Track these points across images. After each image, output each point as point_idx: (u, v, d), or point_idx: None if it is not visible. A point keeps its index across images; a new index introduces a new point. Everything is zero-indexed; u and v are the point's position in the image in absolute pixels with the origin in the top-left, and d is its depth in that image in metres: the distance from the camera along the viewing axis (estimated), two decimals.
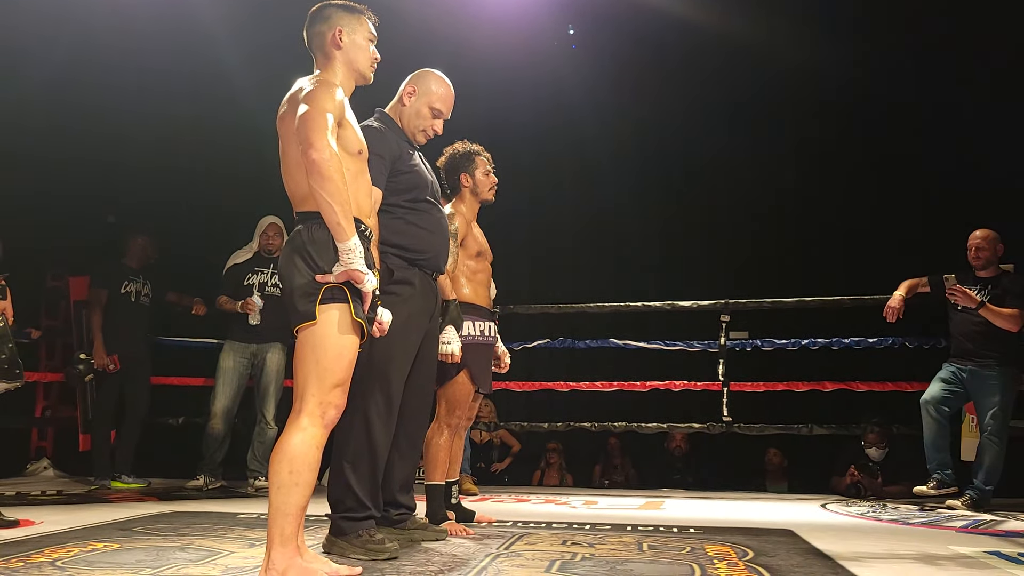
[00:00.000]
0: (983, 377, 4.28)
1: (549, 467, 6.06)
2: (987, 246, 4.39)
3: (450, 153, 3.37)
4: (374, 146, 2.58)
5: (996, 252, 4.40)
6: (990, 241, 4.40)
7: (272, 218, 4.96)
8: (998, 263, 4.42)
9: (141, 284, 5.08)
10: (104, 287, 4.99)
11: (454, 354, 3.03)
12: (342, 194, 2.13)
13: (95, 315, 4.94)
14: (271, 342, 4.86)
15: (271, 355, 4.86)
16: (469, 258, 3.30)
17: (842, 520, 3.88)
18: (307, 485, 2.11)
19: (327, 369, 2.15)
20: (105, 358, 4.88)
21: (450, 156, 3.36)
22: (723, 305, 5.22)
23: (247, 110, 5.24)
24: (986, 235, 4.41)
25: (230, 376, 4.85)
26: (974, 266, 4.44)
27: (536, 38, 6.08)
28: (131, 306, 5.02)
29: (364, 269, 2.16)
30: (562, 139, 6.48)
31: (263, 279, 4.90)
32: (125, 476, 4.93)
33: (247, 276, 4.89)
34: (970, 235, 4.45)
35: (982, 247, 4.39)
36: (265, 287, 4.88)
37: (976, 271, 4.43)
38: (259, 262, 4.93)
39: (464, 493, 4.60)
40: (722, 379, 5.13)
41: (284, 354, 4.87)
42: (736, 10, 5.52)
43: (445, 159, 3.37)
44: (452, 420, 3.25)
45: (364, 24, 2.44)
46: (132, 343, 4.98)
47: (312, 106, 2.18)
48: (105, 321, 4.94)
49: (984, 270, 4.41)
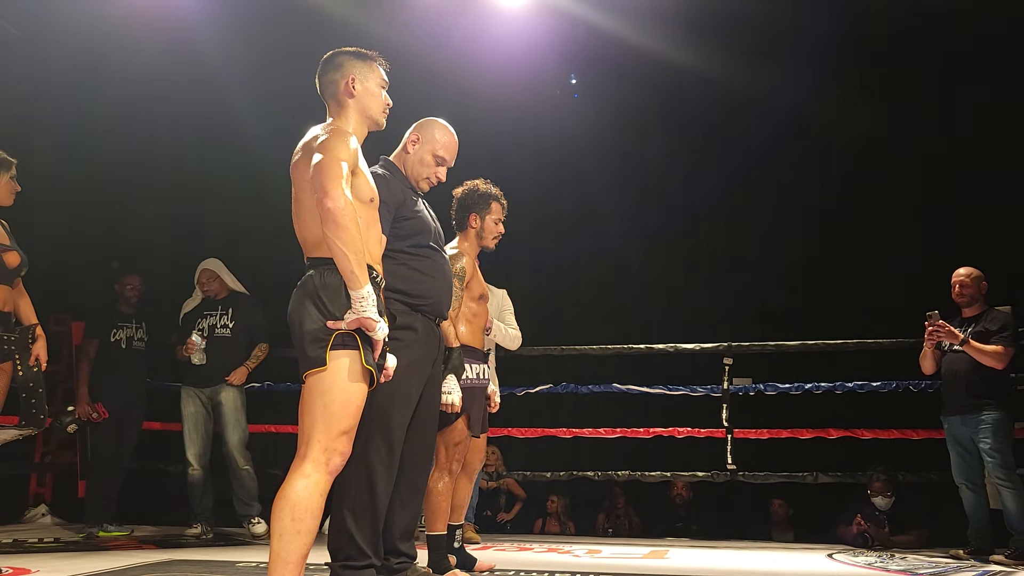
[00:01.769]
0: (975, 424, 4.19)
1: (550, 515, 5.98)
2: (971, 283, 4.34)
3: (470, 188, 3.36)
4: (379, 193, 2.61)
5: (980, 289, 4.35)
6: (974, 279, 4.35)
7: (206, 263, 4.98)
8: (983, 301, 4.36)
9: (134, 329, 5.04)
10: (94, 336, 4.97)
11: (454, 404, 3.00)
12: (356, 242, 2.14)
13: (82, 366, 4.93)
14: (221, 384, 4.84)
15: (225, 395, 4.83)
16: (472, 300, 3.28)
17: (849, 571, 3.83)
18: (309, 533, 2.08)
19: (334, 415, 2.14)
20: (88, 407, 4.82)
21: (469, 191, 3.36)
22: (726, 348, 5.21)
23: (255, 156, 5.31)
24: (969, 272, 4.37)
25: (194, 421, 4.84)
26: (958, 304, 4.39)
27: (539, 87, 6.17)
28: (121, 353, 4.97)
29: (376, 317, 2.16)
30: (565, 184, 6.54)
31: (212, 321, 4.91)
32: (108, 524, 4.84)
33: (198, 321, 4.91)
34: (954, 272, 4.41)
35: (965, 284, 4.34)
36: (215, 329, 4.88)
37: (961, 310, 4.39)
38: (208, 306, 4.95)
39: (466, 542, 4.53)
40: (726, 425, 5.10)
41: (239, 392, 4.86)
42: (737, 59, 5.61)
43: (463, 192, 3.36)
44: (453, 466, 3.23)
45: (376, 71, 2.46)
46: (122, 389, 4.92)
47: (327, 155, 2.20)
48: (95, 370, 4.91)
49: (968, 307, 4.36)
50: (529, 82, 5.98)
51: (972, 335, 4.24)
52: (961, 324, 4.34)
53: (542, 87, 6.21)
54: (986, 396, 4.18)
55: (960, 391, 4.25)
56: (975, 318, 4.33)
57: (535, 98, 6.18)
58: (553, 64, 6.04)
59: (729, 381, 5.17)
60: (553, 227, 6.63)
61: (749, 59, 5.63)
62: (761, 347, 5.25)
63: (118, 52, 5.46)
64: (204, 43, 5.37)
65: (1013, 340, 4.21)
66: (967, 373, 4.23)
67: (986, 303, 4.37)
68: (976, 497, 4.25)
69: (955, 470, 4.32)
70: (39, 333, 3.54)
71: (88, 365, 4.92)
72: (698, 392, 5.31)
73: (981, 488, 4.27)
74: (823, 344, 5.19)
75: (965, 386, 4.23)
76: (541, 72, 6.00)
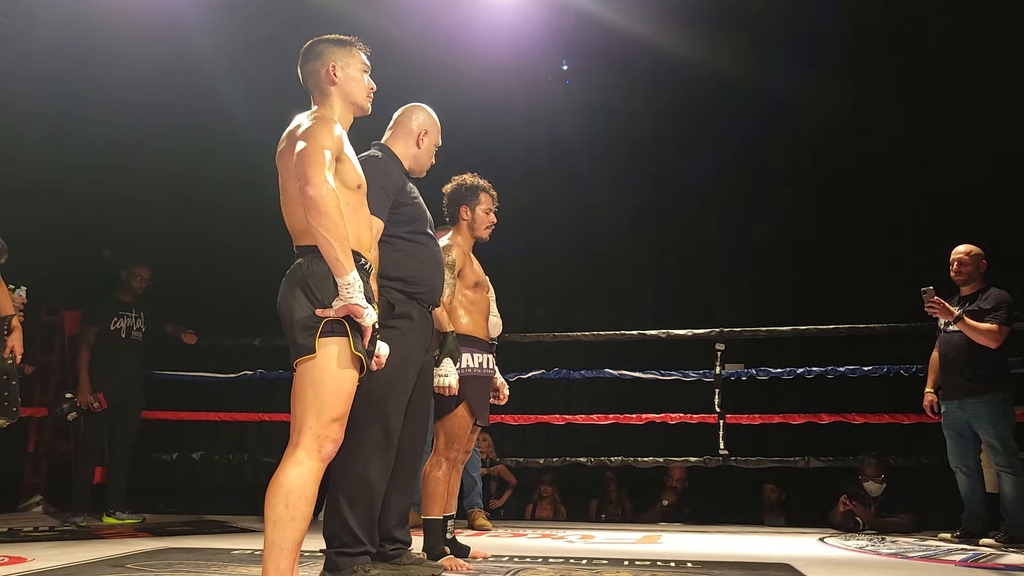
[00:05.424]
0: (972, 408, 4.12)
1: (542, 499, 6.01)
2: (969, 260, 4.23)
3: (458, 182, 3.41)
4: (378, 177, 2.62)
5: (979, 268, 4.24)
6: (973, 256, 4.24)
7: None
8: (982, 279, 4.25)
9: (133, 319, 5.03)
10: (93, 324, 4.95)
11: (451, 387, 3.03)
12: (339, 229, 2.15)
13: (82, 353, 4.91)
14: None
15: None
16: (467, 288, 3.31)
17: (840, 554, 3.86)
18: (303, 519, 2.09)
19: (325, 403, 2.15)
20: (89, 396, 4.82)
21: (457, 185, 3.40)
22: (718, 334, 5.23)
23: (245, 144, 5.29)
24: (968, 250, 4.25)
25: None
26: (956, 281, 4.29)
27: (530, 73, 6.16)
28: (121, 342, 4.96)
29: (363, 303, 2.17)
30: (556, 170, 6.55)
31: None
32: (119, 512, 4.87)
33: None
34: (952, 250, 4.31)
35: (964, 262, 4.24)
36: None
37: (960, 289, 4.29)
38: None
39: (478, 528, 4.57)
40: (718, 411, 5.12)
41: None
42: (728, 46, 5.60)
43: (452, 187, 3.40)
44: (451, 453, 3.24)
45: (357, 56, 2.46)
46: (121, 380, 4.92)
47: (310, 143, 2.21)
48: (94, 358, 4.90)
49: (966, 286, 4.26)
50: (520, 69, 5.96)
51: (966, 313, 4.13)
52: (959, 303, 4.23)
53: (533, 73, 6.19)
54: (982, 379, 4.08)
55: (955, 373, 4.17)
56: (971, 296, 4.23)
57: (526, 84, 6.16)
58: (544, 51, 6.02)
59: (721, 366, 5.19)
60: (545, 213, 6.64)
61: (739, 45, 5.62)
62: (753, 332, 5.27)
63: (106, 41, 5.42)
64: (193, 32, 5.34)
65: (1008, 319, 4.10)
66: (962, 352, 4.13)
67: (984, 281, 4.24)
68: (971, 482, 4.20)
69: (951, 454, 4.27)
70: (15, 324, 3.51)
71: (88, 352, 4.91)
72: (690, 377, 5.34)
73: (977, 473, 4.22)
74: (815, 329, 5.21)
75: (960, 367, 4.15)
76: (532, 59, 5.99)
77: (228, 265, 5.34)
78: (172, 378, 5.67)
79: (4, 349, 3.46)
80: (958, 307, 4.19)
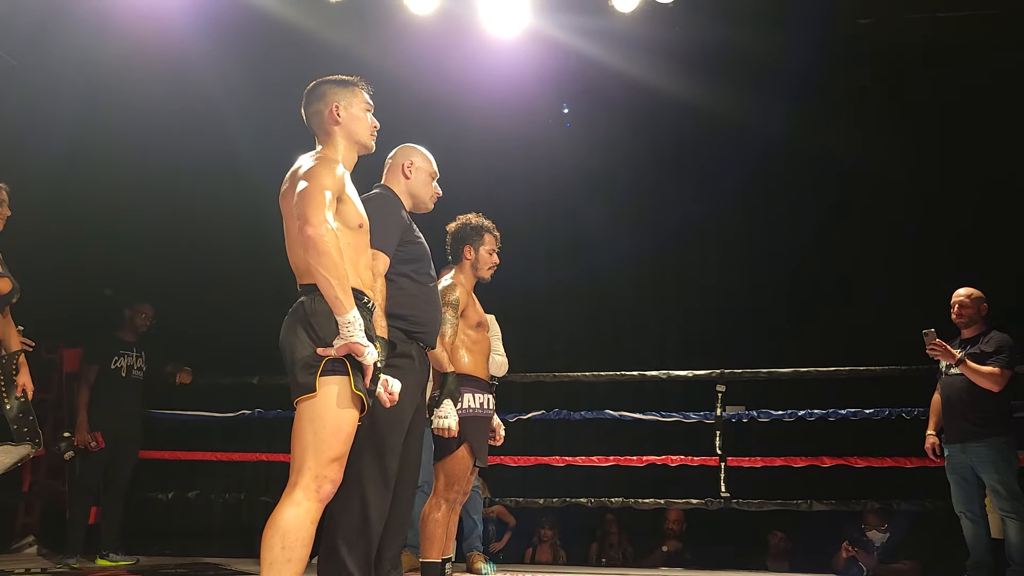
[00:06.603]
0: (976, 452, 4.08)
1: (542, 543, 5.93)
2: (970, 304, 4.23)
3: (463, 222, 3.43)
4: (385, 213, 2.65)
5: (980, 311, 4.24)
6: (973, 299, 4.24)
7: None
8: (983, 322, 4.25)
9: (134, 358, 5.01)
10: (94, 363, 4.93)
11: (451, 428, 3.01)
12: (338, 268, 2.15)
13: (82, 391, 4.88)
14: None
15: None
16: (469, 328, 3.31)
17: None
18: (300, 561, 2.07)
19: (324, 442, 2.14)
20: (87, 435, 4.78)
21: (462, 224, 3.43)
22: (719, 375, 5.20)
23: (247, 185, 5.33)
24: (969, 293, 4.26)
25: None
26: (957, 324, 4.28)
27: (531, 116, 6.23)
28: (121, 381, 4.93)
29: (364, 342, 2.17)
30: (557, 211, 6.58)
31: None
32: (113, 553, 4.80)
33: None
34: (954, 293, 4.32)
35: (965, 304, 4.23)
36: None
37: (961, 331, 4.28)
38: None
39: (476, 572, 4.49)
40: (719, 453, 5.08)
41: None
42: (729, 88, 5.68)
43: (456, 226, 3.43)
44: (451, 495, 3.21)
45: (359, 95, 2.49)
46: (120, 419, 4.88)
47: (311, 182, 2.23)
48: (93, 397, 4.86)
49: (967, 328, 4.25)
50: (521, 111, 6.03)
51: (967, 356, 4.12)
52: (960, 346, 4.22)
53: (534, 116, 6.27)
54: (985, 423, 4.05)
55: (958, 416, 4.14)
56: (973, 339, 4.23)
57: (527, 127, 6.23)
58: (545, 94, 6.10)
59: (722, 408, 5.16)
60: (545, 254, 6.66)
61: (738, 89, 5.69)
62: (754, 374, 5.25)
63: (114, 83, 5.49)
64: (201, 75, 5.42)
65: (1010, 362, 4.09)
66: (965, 395, 4.11)
67: (985, 325, 4.25)
68: (976, 527, 4.14)
69: (955, 499, 4.21)
70: (22, 361, 3.51)
71: (88, 391, 4.87)
72: (691, 419, 5.30)
73: (981, 518, 4.15)
74: (816, 371, 5.19)
75: (962, 411, 4.12)
76: (533, 102, 6.06)
77: (227, 305, 5.34)
78: (168, 416, 5.63)
79: (16, 388, 3.45)
80: (960, 350, 4.17)
